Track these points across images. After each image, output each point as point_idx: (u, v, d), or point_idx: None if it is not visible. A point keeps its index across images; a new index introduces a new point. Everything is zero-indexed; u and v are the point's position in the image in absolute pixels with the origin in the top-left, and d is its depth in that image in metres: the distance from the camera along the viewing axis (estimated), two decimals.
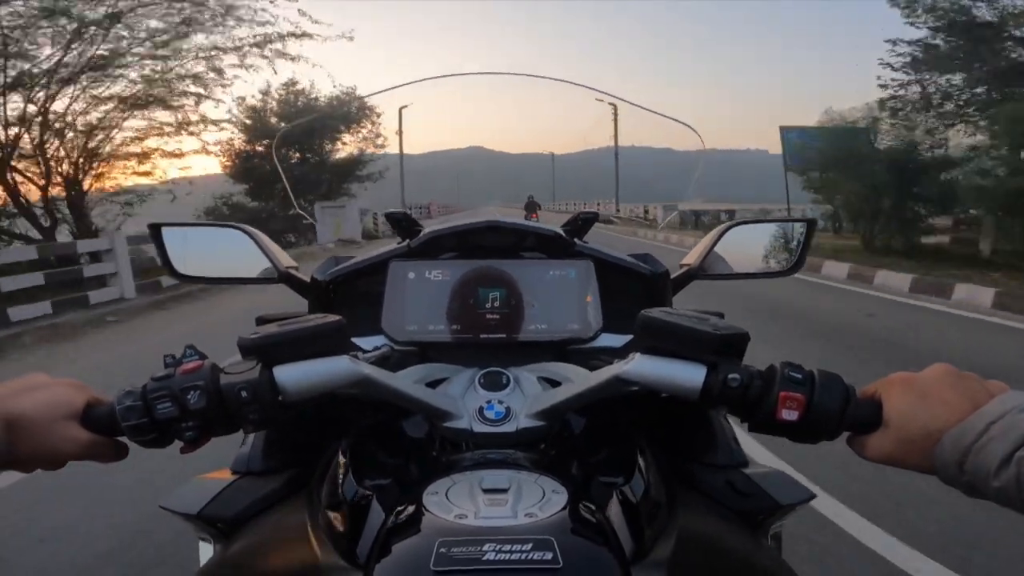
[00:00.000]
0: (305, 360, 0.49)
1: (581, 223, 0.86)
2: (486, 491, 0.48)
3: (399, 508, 0.48)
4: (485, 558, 0.40)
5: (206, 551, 0.69)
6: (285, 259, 0.83)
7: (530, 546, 0.41)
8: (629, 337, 0.80)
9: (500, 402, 0.63)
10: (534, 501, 0.47)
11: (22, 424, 0.44)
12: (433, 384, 0.67)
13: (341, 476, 0.58)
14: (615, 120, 32.25)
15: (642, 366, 0.53)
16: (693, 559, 0.51)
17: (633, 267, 0.84)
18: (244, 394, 0.46)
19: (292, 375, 0.49)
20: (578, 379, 0.63)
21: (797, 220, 0.92)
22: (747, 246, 0.90)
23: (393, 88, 1.06)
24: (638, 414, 0.72)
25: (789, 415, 0.48)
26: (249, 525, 0.61)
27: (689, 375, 0.51)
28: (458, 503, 0.47)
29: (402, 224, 0.83)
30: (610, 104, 27.26)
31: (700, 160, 1.18)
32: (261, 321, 0.67)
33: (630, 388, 0.55)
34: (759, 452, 2.29)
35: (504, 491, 0.48)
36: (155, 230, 0.82)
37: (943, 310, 6.05)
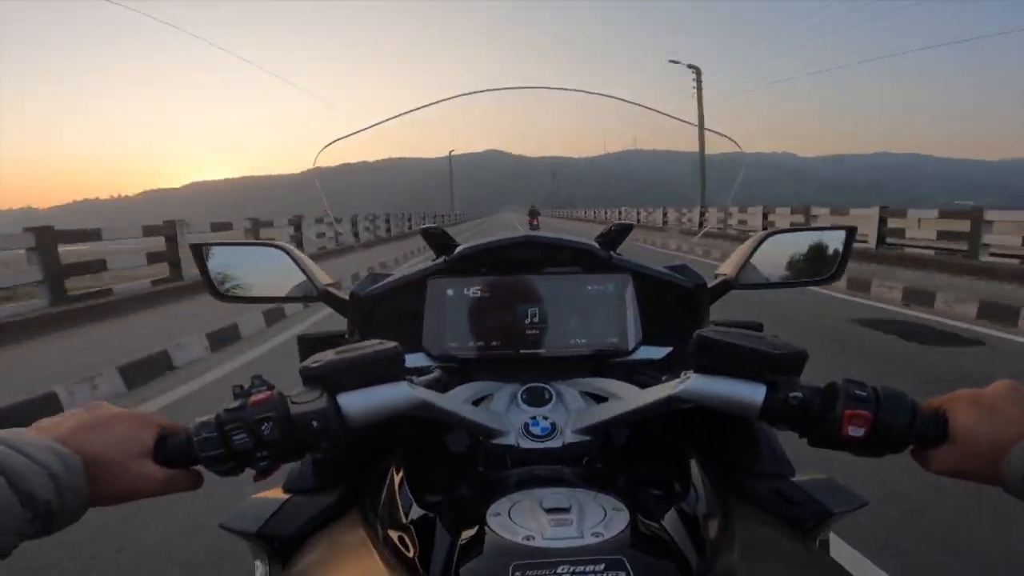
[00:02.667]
0: (366, 387, 0.50)
1: (615, 234, 0.86)
2: (548, 511, 0.49)
3: (464, 529, 0.48)
4: None
5: (262, 571, 0.70)
6: (323, 277, 0.85)
7: (603, 567, 0.41)
8: (668, 349, 0.80)
9: (545, 418, 0.64)
10: (597, 520, 0.47)
11: (99, 465, 0.43)
12: (476, 401, 0.68)
13: (398, 495, 0.58)
14: (698, 94, 24.72)
15: (699, 385, 0.53)
16: (755, 568, 0.51)
17: (671, 279, 0.84)
18: (315, 424, 0.47)
19: (356, 402, 0.50)
20: (626, 395, 0.62)
21: (837, 228, 0.87)
22: (785, 255, 0.87)
23: (423, 107, 0.99)
24: (684, 426, 0.71)
25: (855, 432, 0.48)
26: (307, 544, 0.62)
27: (749, 394, 0.51)
28: (523, 523, 0.47)
29: (438, 239, 0.85)
30: (692, 76, 24.62)
31: (741, 165, 1.13)
32: (303, 341, 0.67)
33: (684, 406, 0.55)
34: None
35: (567, 510, 0.49)
36: (197, 250, 0.83)
37: None
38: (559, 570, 0.41)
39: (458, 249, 0.84)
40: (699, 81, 25.12)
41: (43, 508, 0.39)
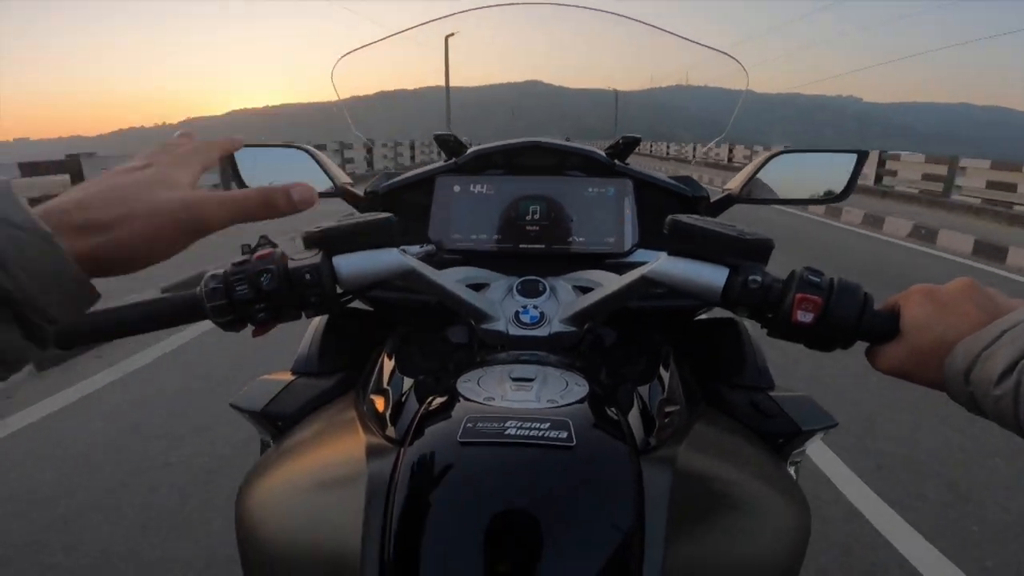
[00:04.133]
0: (360, 251, 0.52)
1: (623, 146, 0.88)
2: (514, 379, 0.52)
3: (434, 395, 0.52)
4: (507, 432, 0.43)
5: (264, 446, 0.73)
6: (342, 176, 0.89)
7: (548, 425, 0.44)
8: (663, 253, 0.74)
9: (535, 307, 0.67)
10: (557, 390, 0.50)
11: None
12: (475, 289, 0.70)
13: (385, 373, 0.62)
14: None
15: (668, 266, 0.53)
16: (702, 462, 0.51)
17: (673, 188, 0.86)
18: (308, 277, 0.49)
19: (348, 263, 0.52)
20: (609, 283, 0.63)
21: (848, 151, 0.88)
22: (793, 174, 0.87)
23: (453, 15, 0.95)
24: (671, 332, 0.73)
25: (804, 317, 0.47)
26: (303, 421, 0.64)
27: (712, 276, 0.51)
28: (488, 388, 0.51)
29: (450, 144, 0.88)
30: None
31: (739, 98, 1.03)
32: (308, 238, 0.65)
33: (656, 289, 0.55)
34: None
35: (531, 380, 0.52)
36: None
37: None
38: (507, 423, 0.44)
39: (468, 150, 0.87)
40: None
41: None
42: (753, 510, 0.51)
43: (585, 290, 0.71)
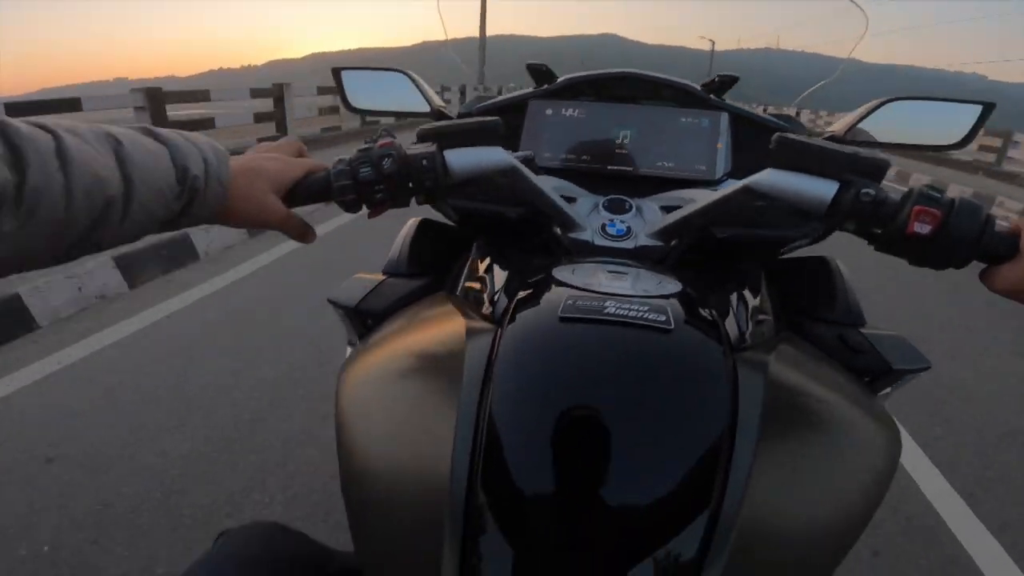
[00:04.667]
0: (469, 147, 0.57)
1: (719, 84, 0.87)
2: (609, 272, 0.54)
3: (531, 279, 0.53)
4: (606, 311, 0.44)
5: (355, 340, 0.76)
6: (437, 100, 0.89)
7: (647, 308, 0.44)
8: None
9: (622, 221, 0.68)
10: (652, 284, 0.51)
11: (240, 184, 0.50)
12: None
13: (480, 266, 0.66)
14: None
15: (773, 178, 0.52)
16: (794, 376, 0.49)
17: (772, 124, 0.84)
18: (424, 163, 0.53)
19: (459, 157, 0.56)
20: (703, 198, 0.61)
21: (972, 102, 0.78)
22: (904, 122, 0.81)
23: None
24: (760, 262, 0.73)
25: (921, 228, 0.46)
26: (394, 315, 0.66)
27: (820, 188, 0.50)
28: (582, 278, 0.51)
29: (542, 72, 0.90)
30: None
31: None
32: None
33: (757, 202, 0.55)
34: None
35: (624, 274, 0.53)
36: (336, 73, 0.93)
37: None
38: (606, 303, 0.45)
39: (561, 78, 0.90)
40: None
41: (191, 184, 0.45)
42: (843, 431, 0.48)
43: (672, 210, 0.69)
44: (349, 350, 0.79)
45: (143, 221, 0.43)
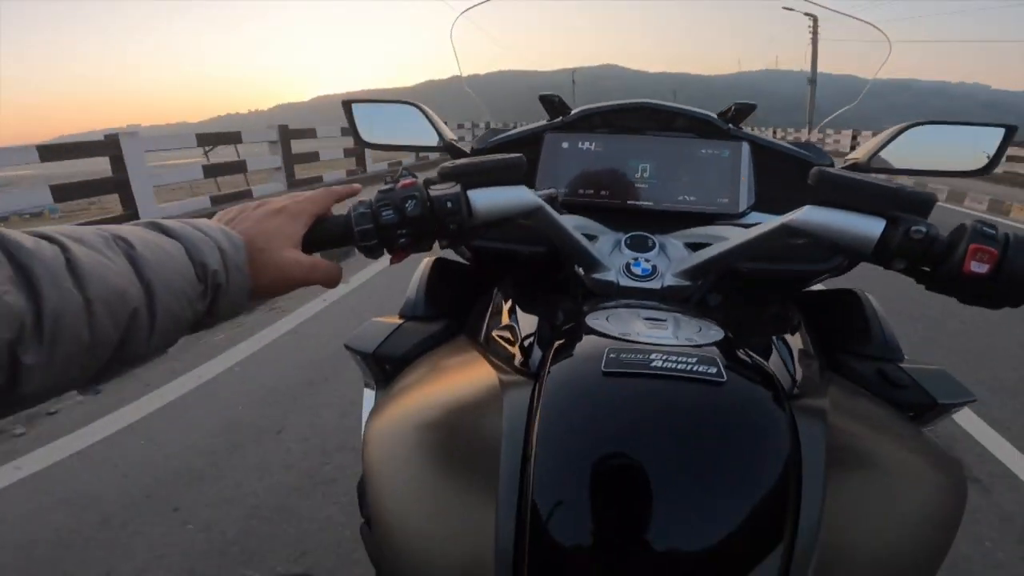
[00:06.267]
0: (493, 186, 0.54)
1: (735, 112, 0.84)
2: (646, 319, 0.50)
3: (565, 327, 0.51)
4: (653, 364, 0.41)
5: (369, 398, 0.74)
6: (449, 132, 0.88)
7: (695, 360, 0.42)
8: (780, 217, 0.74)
9: (647, 260, 0.65)
10: (693, 331, 0.48)
11: (255, 249, 0.46)
12: None
13: (505, 310, 0.64)
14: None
15: (814, 215, 0.50)
16: (849, 418, 0.48)
17: (795, 154, 0.82)
18: (449, 204, 0.50)
19: (483, 197, 0.53)
20: (732, 236, 0.60)
21: (994, 125, 0.77)
22: (928, 147, 0.79)
23: None
24: (790, 297, 0.69)
25: (978, 268, 0.44)
26: (416, 361, 0.65)
27: (866, 226, 0.48)
28: (619, 326, 0.48)
29: (554, 104, 0.88)
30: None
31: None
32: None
33: (795, 240, 0.52)
34: None
35: (663, 321, 0.50)
36: (347, 105, 0.90)
37: None
38: (652, 356, 0.42)
39: (576, 110, 0.88)
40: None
41: (213, 280, 0.42)
42: (909, 473, 0.47)
43: (697, 247, 0.67)
44: (367, 392, 0.78)
45: (171, 329, 0.40)
